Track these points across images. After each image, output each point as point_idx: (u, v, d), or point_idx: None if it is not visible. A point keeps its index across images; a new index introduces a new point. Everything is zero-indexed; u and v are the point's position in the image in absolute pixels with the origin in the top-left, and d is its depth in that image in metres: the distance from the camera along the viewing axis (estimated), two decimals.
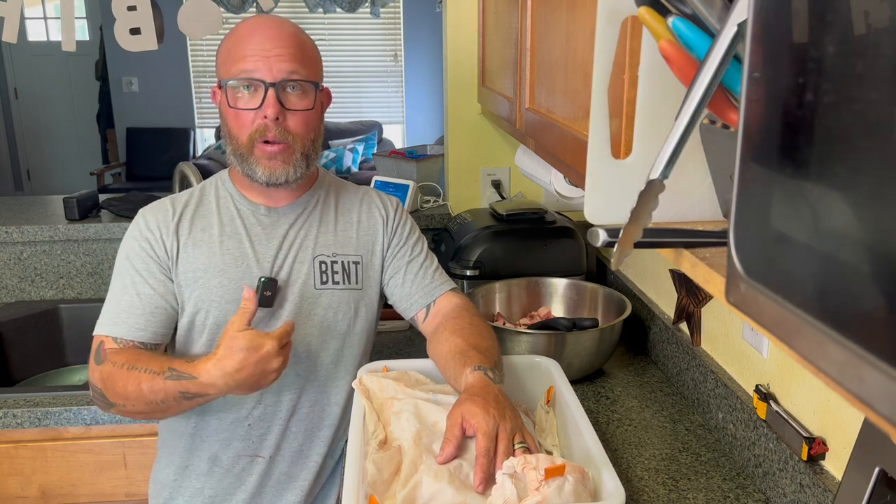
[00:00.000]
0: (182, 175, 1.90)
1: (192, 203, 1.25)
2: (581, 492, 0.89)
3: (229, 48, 1.16)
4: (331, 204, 1.30)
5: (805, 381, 1.07)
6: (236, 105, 1.15)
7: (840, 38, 0.36)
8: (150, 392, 1.08)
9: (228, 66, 1.15)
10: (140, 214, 1.24)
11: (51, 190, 6.34)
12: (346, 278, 1.26)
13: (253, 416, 1.23)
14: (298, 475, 1.27)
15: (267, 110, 1.13)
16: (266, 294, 1.19)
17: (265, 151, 1.15)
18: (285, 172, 1.17)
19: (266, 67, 1.13)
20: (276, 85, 1.13)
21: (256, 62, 1.13)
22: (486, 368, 1.07)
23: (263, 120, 1.14)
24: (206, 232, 1.22)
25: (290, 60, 1.14)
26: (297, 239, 1.24)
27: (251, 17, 1.20)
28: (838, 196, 0.37)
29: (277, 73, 1.13)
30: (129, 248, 1.21)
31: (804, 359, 0.38)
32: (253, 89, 1.14)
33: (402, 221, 1.33)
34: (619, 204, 0.70)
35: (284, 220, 1.24)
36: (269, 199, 1.24)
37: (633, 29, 0.72)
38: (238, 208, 1.24)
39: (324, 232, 1.27)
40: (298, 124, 1.16)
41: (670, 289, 1.53)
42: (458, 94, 2.09)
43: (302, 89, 1.16)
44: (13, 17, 1.86)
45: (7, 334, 1.90)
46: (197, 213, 1.24)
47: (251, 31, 1.15)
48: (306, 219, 1.26)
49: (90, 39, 6.17)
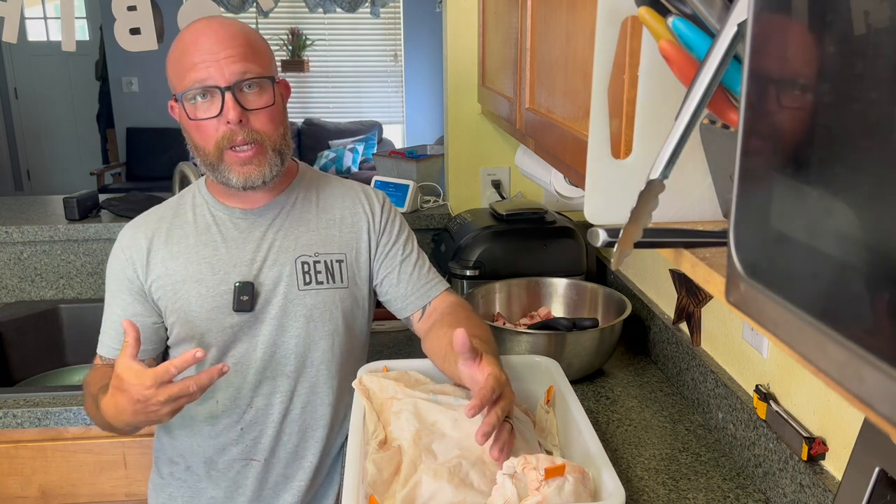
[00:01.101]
0: (182, 175, 1.90)
1: (167, 216, 1.24)
2: (581, 492, 0.89)
3: (177, 58, 1.13)
4: (311, 201, 1.27)
5: (805, 381, 1.07)
6: (196, 116, 1.12)
7: (840, 38, 0.36)
8: (105, 418, 1.11)
9: (180, 78, 1.12)
10: (121, 233, 1.26)
11: (51, 190, 6.34)
12: (331, 277, 1.24)
13: (245, 420, 1.23)
14: (295, 476, 1.26)
15: (228, 115, 1.10)
16: (242, 299, 1.18)
17: (237, 157, 1.13)
18: (261, 174, 1.15)
19: (218, 72, 1.10)
20: (232, 87, 1.10)
21: (207, 68, 1.10)
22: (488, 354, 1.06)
23: (227, 126, 1.11)
24: (181, 244, 1.21)
25: (241, 60, 1.11)
26: (277, 240, 1.22)
27: (193, 22, 1.16)
28: (838, 196, 0.37)
29: (230, 75, 1.10)
30: (109, 268, 1.25)
31: (804, 359, 0.38)
32: (209, 97, 1.11)
33: (390, 219, 1.30)
34: (619, 204, 0.70)
35: (261, 222, 1.22)
36: (245, 202, 1.22)
37: (633, 29, 0.72)
38: (214, 214, 1.23)
39: (305, 231, 1.24)
40: (264, 122, 1.13)
41: (670, 289, 1.53)
42: (458, 94, 2.09)
43: (259, 86, 1.13)
44: (13, 17, 1.86)
45: (7, 334, 1.90)
46: (173, 225, 1.23)
47: (196, 38, 1.12)
48: (285, 218, 1.24)
49: (90, 39, 6.17)
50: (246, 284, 1.18)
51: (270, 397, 1.23)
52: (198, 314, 1.19)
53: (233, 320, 1.19)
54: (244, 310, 1.18)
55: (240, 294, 1.18)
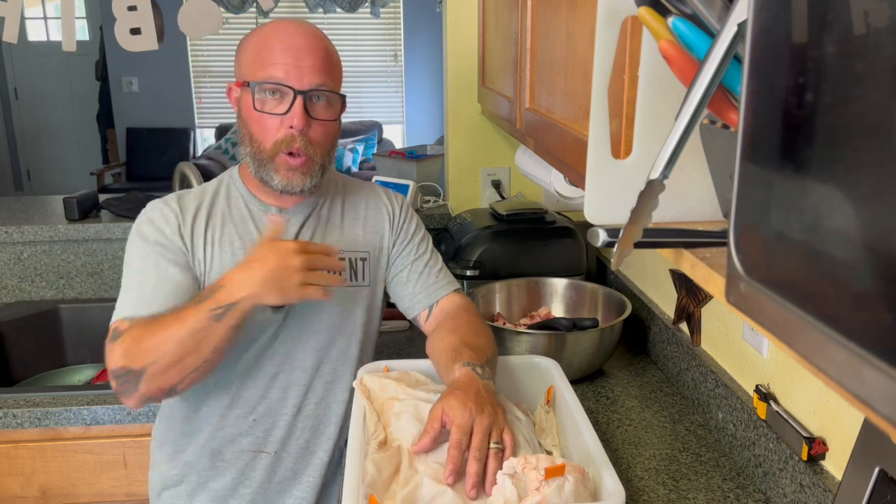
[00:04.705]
0: (182, 175, 1.90)
1: (205, 201, 1.23)
2: (581, 492, 0.89)
3: (258, 48, 1.15)
4: (337, 202, 1.30)
5: (805, 381, 1.07)
6: (263, 108, 1.14)
7: (840, 38, 0.36)
8: (179, 327, 1.04)
9: (256, 69, 1.14)
10: (150, 207, 1.21)
11: (51, 190, 6.33)
12: (354, 275, 1.27)
13: (258, 411, 1.23)
14: (304, 471, 1.27)
15: (294, 119, 1.12)
16: None
17: (287, 163, 1.15)
18: (302, 183, 1.17)
19: (297, 76, 1.12)
20: (305, 94, 1.12)
21: (288, 69, 1.12)
22: (474, 364, 1.07)
23: (290, 130, 1.13)
24: (222, 230, 1.21)
25: (321, 72, 1.14)
26: (307, 238, 1.25)
27: (281, 20, 1.19)
28: (838, 196, 0.37)
29: (307, 82, 1.13)
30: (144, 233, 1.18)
31: (804, 359, 0.38)
32: (280, 95, 1.13)
33: (407, 219, 1.34)
34: (619, 204, 0.70)
35: (295, 221, 1.25)
36: (280, 200, 1.24)
37: (633, 29, 0.72)
38: (249, 209, 1.24)
39: (331, 230, 1.27)
40: (321, 135, 1.16)
41: (670, 289, 1.53)
42: (458, 94, 2.09)
43: (328, 100, 1.16)
44: (13, 17, 1.86)
45: (7, 334, 1.90)
46: (212, 211, 1.23)
47: (285, 36, 1.14)
48: (316, 218, 1.27)
49: (90, 39, 6.17)
50: None
51: (286, 391, 1.23)
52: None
53: (263, 315, 1.20)
54: (276, 307, 1.19)
55: None
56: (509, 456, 0.96)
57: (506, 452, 0.96)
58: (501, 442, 0.97)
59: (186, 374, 1.08)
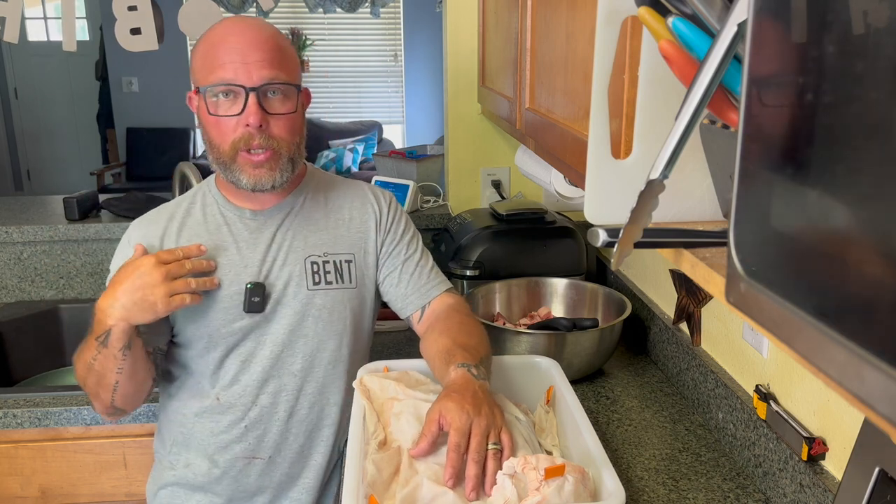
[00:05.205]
0: (182, 175, 1.90)
1: (177, 215, 1.24)
2: (581, 492, 0.89)
3: (205, 52, 1.13)
4: (320, 201, 1.28)
5: (805, 381, 1.07)
6: (217, 112, 1.12)
7: (840, 38, 0.36)
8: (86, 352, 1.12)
9: (206, 73, 1.12)
10: (130, 229, 1.25)
11: (51, 190, 6.33)
12: (339, 278, 1.25)
13: (249, 417, 1.23)
14: (300, 475, 1.27)
15: (249, 118, 1.10)
16: (254, 300, 1.18)
17: (249, 160, 1.13)
18: (272, 179, 1.15)
19: (245, 73, 1.10)
20: (258, 90, 1.10)
21: (236, 68, 1.10)
22: (469, 365, 1.07)
23: (246, 128, 1.11)
24: (193, 242, 1.20)
25: (271, 65, 1.11)
26: (286, 241, 1.23)
27: (226, 19, 1.17)
28: (838, 196, 0.37)
29: (258, 78, 1.10)
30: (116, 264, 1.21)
31: (804, 359, 0.38)
32: (233, 95, 1.11)
33: (396, 219, 1.31)
34: (619, 204, 0.70)
35: (271, 223, 1.23)
36: (255, 203, 1.23)
37: (633, 29, 0.72)
38: (224, 215, 1.23)
39: (314, 231, 1.25)
40: (283, 129, 1.14)
41: (670, 289, 1.53)
42: (458, 94, 2.09)
43: (283, 93, 1.14)
44: (13, 17, 1.86)
45: (7, 334, 1.90)
46: (184, 224, 1.23)
47: (228, 36, 1.12)
48: (294, 219, 1.25)
49: (90, 39, 6.17)
50: (257, 286, 1.19)
51: (276, 396, 1.23)
52: (208, 315, 1.19)
53: (243, 321, 1.20)
54: (255, 311, 1.19)
55: (251, 295, 1.18)
56: (508, 456, 0.96)
57: (504, 452, 0.96)
58: (500, 442, 0.97)
59: (112, 393, 1.15)
